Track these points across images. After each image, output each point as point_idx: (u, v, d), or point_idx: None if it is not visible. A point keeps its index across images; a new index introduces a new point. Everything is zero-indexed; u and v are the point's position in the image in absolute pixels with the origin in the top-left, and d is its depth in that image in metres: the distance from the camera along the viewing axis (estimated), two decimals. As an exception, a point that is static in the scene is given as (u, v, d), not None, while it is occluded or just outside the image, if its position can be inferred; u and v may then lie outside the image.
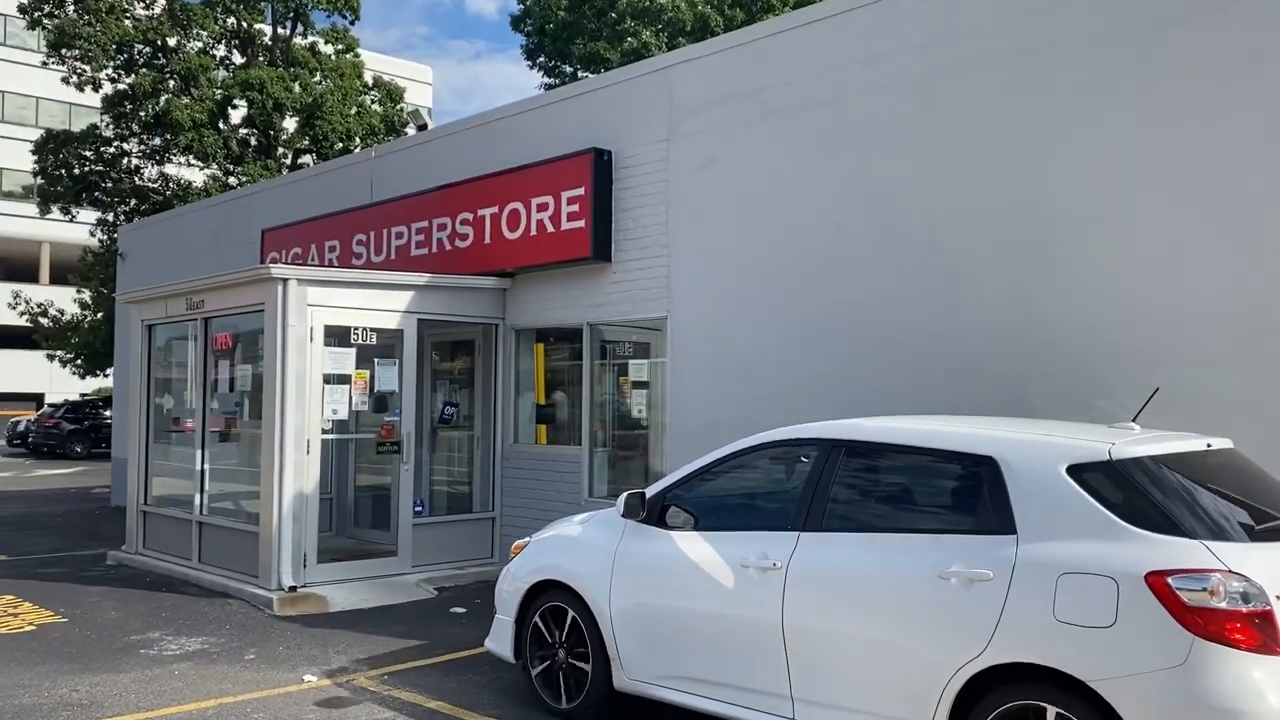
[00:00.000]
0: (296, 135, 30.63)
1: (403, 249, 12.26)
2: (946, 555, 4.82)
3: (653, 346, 10.37)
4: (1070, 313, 7.19)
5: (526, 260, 10.79)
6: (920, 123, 7.96)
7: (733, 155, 9.18)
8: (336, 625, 8.83)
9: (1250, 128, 6.53)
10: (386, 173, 12.99)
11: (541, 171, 10.57)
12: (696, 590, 5.73)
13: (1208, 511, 4.60)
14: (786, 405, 8.41)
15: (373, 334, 10.39)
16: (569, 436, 10.87)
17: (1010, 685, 4.54)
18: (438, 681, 7.21)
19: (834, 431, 5.65)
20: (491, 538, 11.24)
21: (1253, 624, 4.11)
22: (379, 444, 10.59)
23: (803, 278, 8.59)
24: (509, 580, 6.86)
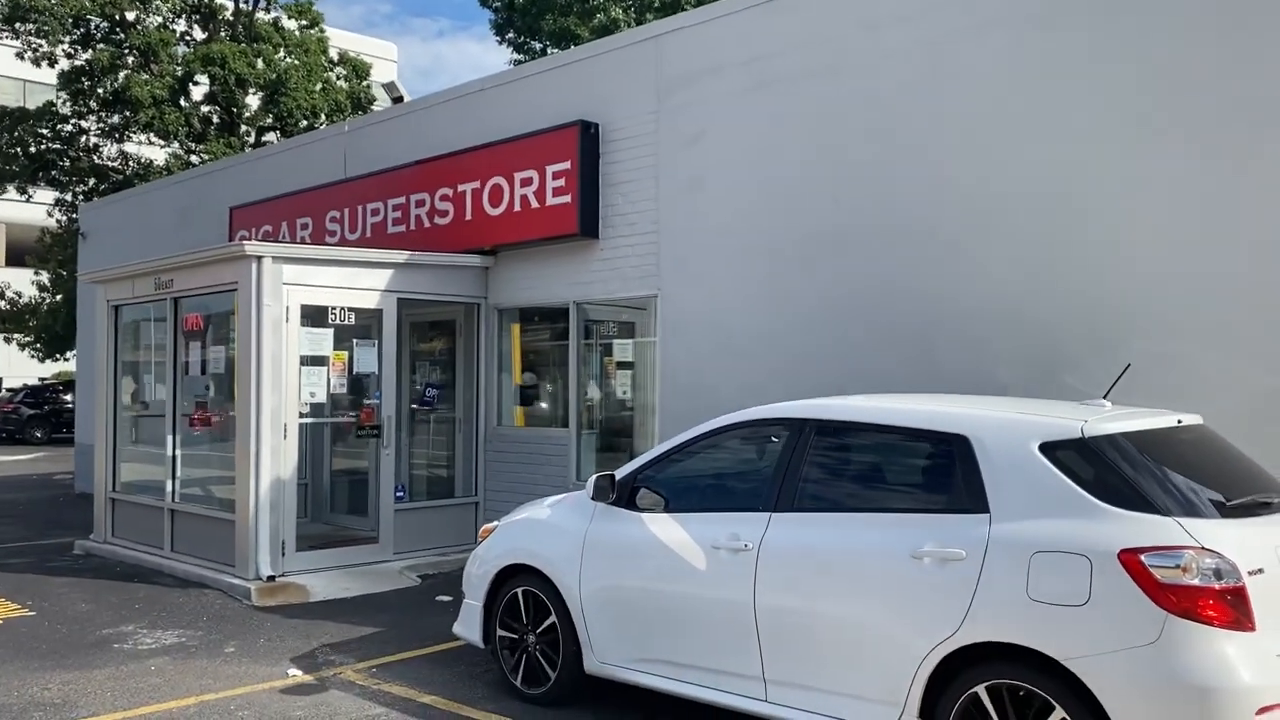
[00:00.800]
0: (260, 112, 29.96)
1: (379, 226, 11.87)
2: (919, 535, 4.75)
3: (641, 326, 10.09)
4: (1039, 288, 7.08)
5: (510, 237, 10.45)
6: (925, 94, 7.70)
7: (725, 128, 8.89)
8: (318, 616, 8.50)
9: (1227, 102, 6.37)
10: (361, 147, 12.57)
11: (525, 145, 10.23)
12: (667, 572, 5.63)
13: (1180, 488, 4.54)
14: (783, 385, 8.16)
15: (351, 314, 10.02)
16: (555, 418, 10.58)
17: (984, 665, 4.51)
18: (428, 674, 6.93)
19: (805, 411, 5.55)
20: (475, 523, 10.91)
21: (1225, 600, 4.08)
22: (358, 428, 10.25)
23: (799, 255, 8.33)
24: (477, 564, 6.71)
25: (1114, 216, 6.83)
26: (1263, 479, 4.89)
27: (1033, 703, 4.36)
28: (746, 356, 8.60)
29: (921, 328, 7.63)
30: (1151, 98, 6.73)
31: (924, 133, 7.69)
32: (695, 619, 5.50)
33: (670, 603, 5.62)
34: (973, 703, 4.52)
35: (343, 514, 11.81)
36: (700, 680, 5.52)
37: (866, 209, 7.95)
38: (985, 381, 7.21)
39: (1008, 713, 4.43)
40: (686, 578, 5.54)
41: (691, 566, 5.53)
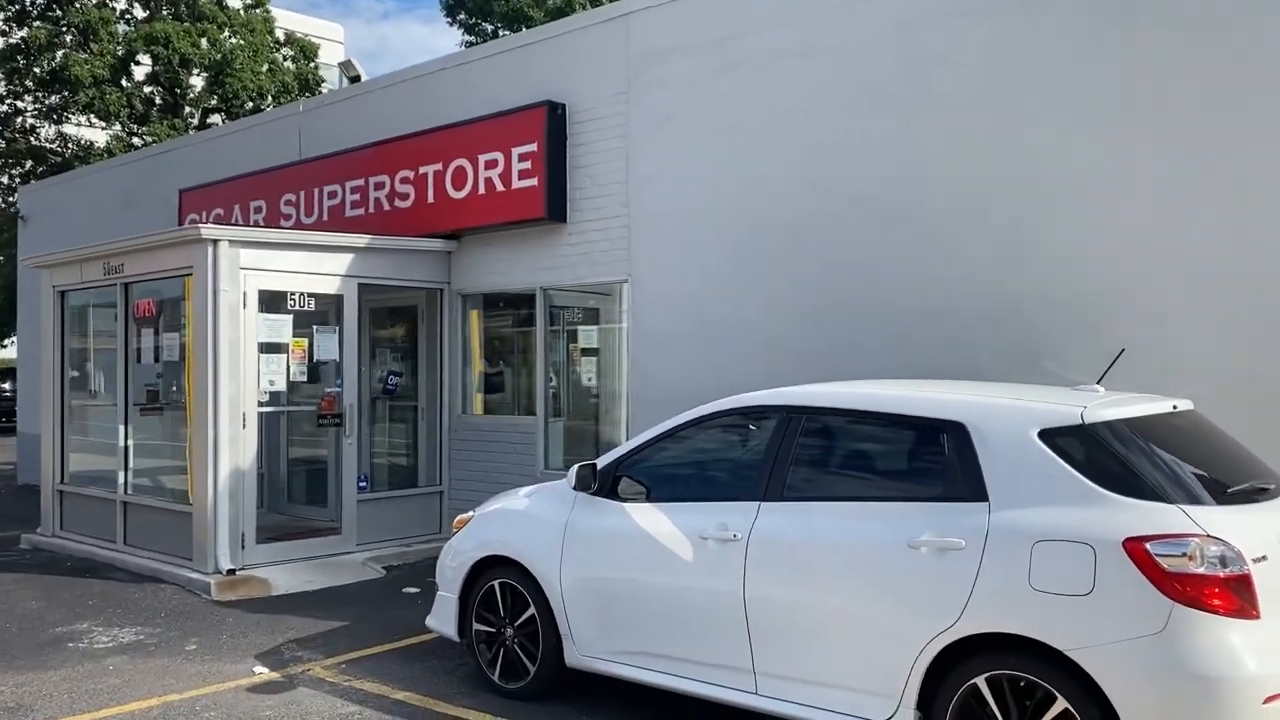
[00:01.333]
0: (205, 93, 29.24)
1: (336, 209, 11.57)
2: (916, 523, 4.65)
3: (609, 311, 9.93)
4: (1018, 273, 7.06)
5: (474, 221, 10.22)
6: (902, 78, 7.60)
7: (698, 109, 8.73)
8: (282, 610, 8.26)
9: (1204, 90, 6.36)
10: (316, 128, 12.23)
11: (490, 126, 9.99)
12: (652, 563, 5.50)
13: (1181, 475, 4.49)
14: (759, 371, 8.05)
15: (310, 299, 9.74)
16: (522, 406, 10.38)
17: (984, 656, 4.43)
18: (400, 669, 6.73)
19: (795, 398, 5.42)
20: (439, 513, 10.71)
21: (1230, 588, 4.03)
22: (319, 417, 9.97)
23: (775, 239, 8.21)
24: (452, 556, 6.53)
25: (1094, 202, 6.80)
26: (1255, 464, 4.86)
27: (1034, 694, 4.28)
28: (719, 342, 8.47)
29: (899, 313, 7.56)
30: (1131, 84, 6.70)
31: (901, 117, 7.60)
32: (681, 611, 5.37)
33: (655, 594, 5.48)
34: (972, 694, 4.44)
35: (300, 504, 11.50)
36: (687, 673, 5.40)
37: (843, 194, 7.85)
38: (964, 367, 7.16)
39: (1008, 704, 4.35)
40: (672, 568, 5.40)
41: (678, 557, 5.39)
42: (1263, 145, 6.23)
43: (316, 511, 10.98)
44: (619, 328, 9.79)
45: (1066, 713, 4.19)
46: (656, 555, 5.48)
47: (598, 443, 9.99)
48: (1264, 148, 6.22)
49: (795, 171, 8.12)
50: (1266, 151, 6.21)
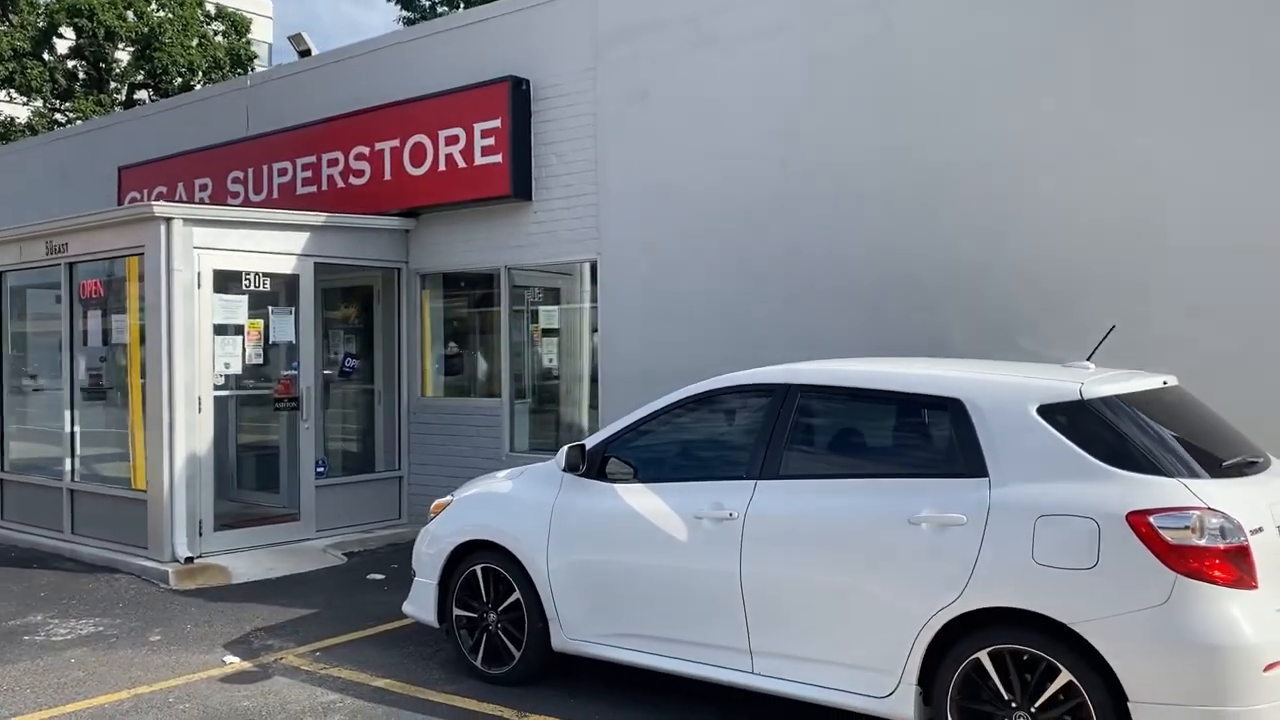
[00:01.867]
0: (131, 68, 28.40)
1: (286, 187, 11.27)
2: (915, 500, 4.66)
3: (574, 291, 9.82)
4: (992, 251, 7.10)
5: (434, 198, 10.02)
6: (876, 56, 7.59)
7: (668, 86, 8.64)
8: (245, 598, 8.04)
9: (1178, 68, 6.45)
10: (265, 103, 11.89)
11: (451, 101, 9.79)
12: (645, 544, 5.44)
13: (1178, 449, 4.55)
14: (733, 350, 8.02)
15: (266, 279, 9.47)
16: (485, 388, 10.23)
17: (986, 631, 4.45)
18: (376, 656, 6.59)
19: (791, 376, 5.38)
20: (399, 498, 10.54)
21: (1230, 560, 4.10)
22: (275, 400, 9.72)
23: (748, 217, 8.16)
24: (430, 542, 6.39)
25: (1068, 180, 6.85)
26: (1239, 438, 4.94)
27: (1037, 666, 4.32)
28: (692, 322, 8.42)
29: (873, 291, 7.57)
30: (1105, 62, 6.75)
31: (876, 95, 7.59)
32: (676, 591, 5.32)
33: (648, 575, 5.43)
34: (974, 668, 4.46)
35: (250, 490, 11.22)
36: (681, 654, 5.35)
37: (817, 172, 7.83)
38: (938, 345, 7.20)
39: (1011, 677, 4.38)
40: (666, 549, 5.35)
41: (671, 537, 5.34)
42: (1238, 124, 6.32)
43: (267, 498, 10.74)
44: (582, 308, 9.71)
45: (1070, 685, 4.23)
46: (649, 536, 5.42)
47: (564, 425, 9.91)
48: (1239, 127, 6.31)
49: (767, 150, 8.08)
50: (1241, 130, 6.30)
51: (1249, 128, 6.28)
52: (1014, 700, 4.37)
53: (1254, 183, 6.26)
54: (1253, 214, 6.26)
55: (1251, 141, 6.27)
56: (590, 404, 9.60)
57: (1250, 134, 6.28)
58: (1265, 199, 6.23)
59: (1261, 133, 6.24)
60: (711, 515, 5.21)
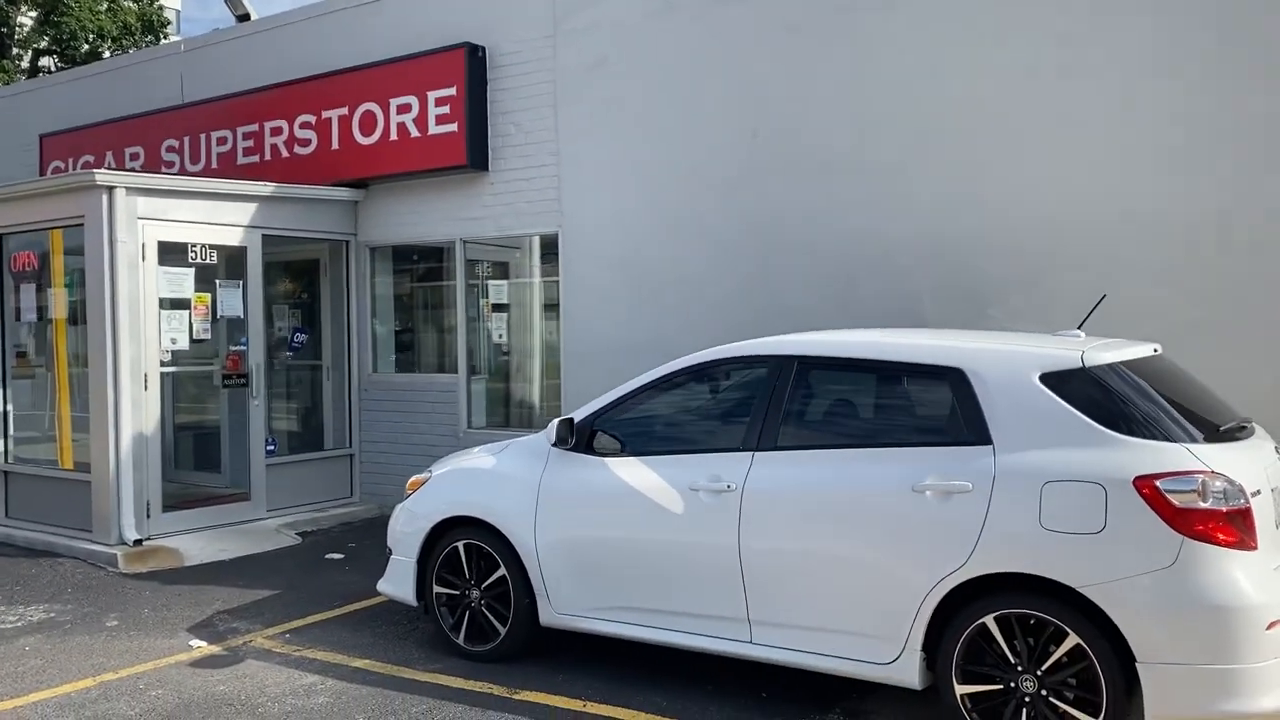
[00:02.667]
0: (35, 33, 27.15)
1: (227, 156, 10.88)
2: (918, 468, 4.67)
3: (536, 264, 9.66)
4: (964, 221, 7.15)
5: (385, 168, 9.76)
6: (846, 22, 7.57)
7: (632, 54, 8.51)
8: (201, 581, 7.78)
9: (1152, 36, 6.54)
10: (201, 69, 11.44)
11: (403, 68, 9.53)
12: (639, 518, 5.38)
13: (1177, 415, 4.61)
14: (701, 323, 8.00)
15: (212, 252, 9.13)
16: (440, 363, 10.03)
17: (991, 596, 4.49)
18: (349, 637, 6.43)
19: (788, 347, 5.36)
20: (350, 476, 10.30)
21: (1232, 522, 4.19)
22: (224, 377, 9.41)
23: (716, 188, 8.10)
24: (407, 519, 6.26)
25: (1040, 151, 6.93)
26: (1224, 405, 5.05)
27: (1044, 630, 4.37)
28: (660, 294, 8.34)
29: (844, 262, 7.58)
30: (1071, 32, 6.81)
31: (846, 62, 7.58)
32: (671, 564, 5.27)
33: (642, 548, 5.36)
34: (980, 633, 4.50)
35: (189, 470, 10.87)
36: (677, 625, 5.31)
37: (786, 141, 7.79)
38: (909, 315, 7.26)
39: (1017, 642, 4.43)
40: (661, 522, 5.29)
41: (666, 510, 5.28)
42: (1201, 93, 6.43)
43: (208, 477, 10.42)
44: (534, 282, 9.56)
45: (1077, 647, 4.29)
46: (642, 509, 5.35)
47: (523, 401, 9.77)
48: (1202, 96, 6.42)
49: (734, 119, 8.02)
50: (1205, 100, 6.42)
51: (1218, 96, 6.39)
52: (1020, 664, 4.42)
53: (1224, 152, 6.38)
54: (1221, 185, 6.39)
55: (1220, 110, 6.38)
56: (547, 379, 9.47)
57: (1219, 102, 6.39)
58: (1235, 169, 6.35)
59: (1230, 101, 6.35)
60: (708, 487, 5.17)
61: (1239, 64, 6.33)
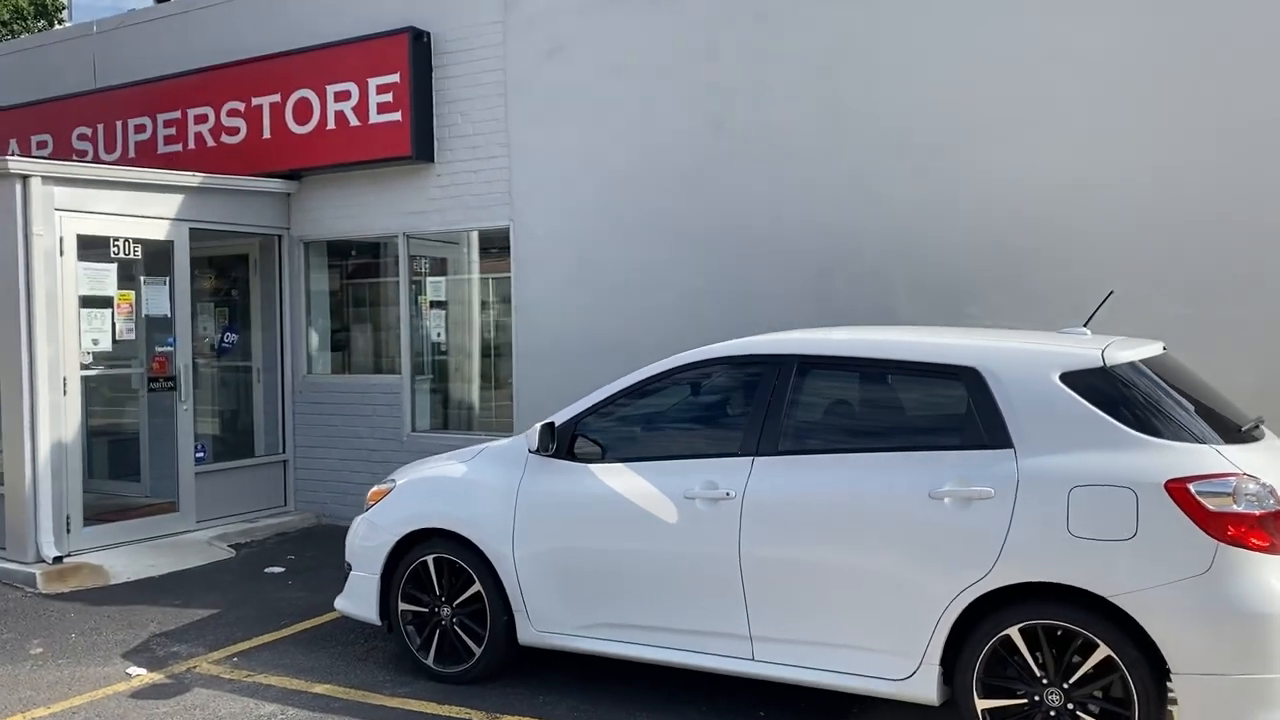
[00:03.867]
0: (-83, 16, 25.58)
1: (146, 145, 10.21)
2: (934, 473, 4.45)
3: (470, 260, 9.24)
4: (940, 218, 6.99)
5: (322, 159, 9.23)
6: (817, 12, 7.33)
7: (589, 42, 8.16)
8: (131, 600, 7.22)
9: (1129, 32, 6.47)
10: (116, 52, 10.72)
11: (341, 54, 9.02)
12: (628, 528, 5.06)
13: (1201, 415, 4.47)
14: (662, 321, 7.73)
15: (136, 246, 8.51)
16: (382, 364, 9.54)
17: (1016, 607, 4.28)
18: (304, 659, 5.98)
19: (790, 346, 5.07)
20: (284, 484, 9.76)
21: (1265, 526, 4.05)
22: (150, 380, 8.79)
23: (680, 181, 7.80)
24: (370, 533, 5.83)
25: (1017, 147, 6.78)
26: (1231, 404, 4.93)
27: (1072, 642, 4.18)
28: (618, 290, 8.01)
29: (815, 256, 7.35)
30: (1051, 25, 6.69)
31: (818, 55, 7.34)
32: (665, 577, 4.96)
33: (633, 561, 5.04)
34: (1003, 645, 4.29)
35: (104, 479, 10.19)
36: (670, 643, 5.01)
37: (754, 135, 7.53)
38: (885, 314, 7.07)
39: (1043, 654, 4.23)
40: (652, 533, 4.98)
41: (659, 520, 4.97)
42: (1179, 89, 6.36)
43: (127, 487, 9.79)
44: (472, 278, 9.16)
45: (1108, 659, 4.10)
46: (632, 519, 5.04)
47: (471, 403, 9.35)
48: (1183, 93, 6.35)
49: (699, 110, 7.73)
50: (1185, 98, 6.35)
51: (1198, 95, 6.32)
52: (1046, 677, 4.23)
53: (1208, 151, 6.31)
54: (1204, 183, 6.32)
55: (1202, 108, 6.32)
56: (497, 379, 9.07)
57: (1198, 101, 6.32)
58: (1219, 168, 6.28)
59: (1211, 100, 6.29)
60: (705, 495, 4.87)
61: (1222, 62, 6.26)
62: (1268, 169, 6.15)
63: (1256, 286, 6.20)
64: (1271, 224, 6.15)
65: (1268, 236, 6.17)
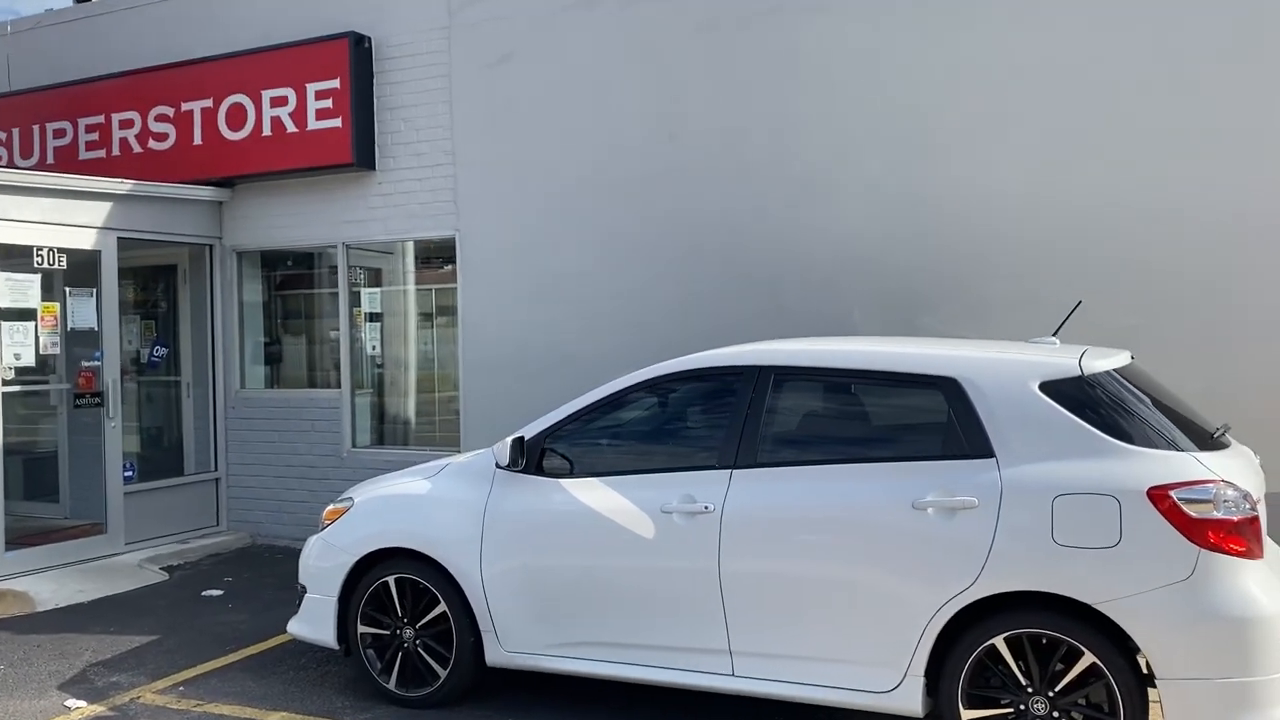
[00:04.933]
0: None
1: (66, 151, 9.78)
2: (916, 484, 4.44)
3: (405, 270, 9.04)
4: (894, 229, 7.03)
5: (257, 166, 8.94)
6: (770, 25, 7.33)
7: (537, 51, 8.04)
8: (61, 628, 6.85)
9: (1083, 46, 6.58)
10: (34, 53, 10.25)
11: (278, 58, 8.75)
12: (602, 544, 4.96)
13: (1177, 423, 4.54)
14: (618, 333, 7.65)
15: (60, 256, 8.13)
16: (321, 378, 9.26)
17: (1001, 616, 4.27)
18: (254, 686, 5.73)
19: (767, 357, 5.01)
20: (217, 502, 9.41)
21: (1244, 531, 4.11)
22: (76, 395, 8.39)
23: (631, 191, 7.71)
24: (327, 553, 5.62)
25: (971, 158, 6.85)
26: (1196, 411, 5.01)
27: (1057, 650, 4.19)
28: (571, 303, 7.89)
29: (767, 269, 7.33)
30: (1005, 37, 6.78)
31: (771, 66, 7.34)
32: (641, 593, 4.86)
33: (607, 578, 4.93)
34: (988, 655, 4.29)
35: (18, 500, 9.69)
36: (647, 660, 4.90)
37: (708, 146, 7.48)
38: (839, 324, 7.08)
39: (1028, 663, 4.23)
40: (629, 548, 4.87)
41: (634, 535, 4.87)
42: (1128, 103, 6.48)
43: (46, 508, 9.37)
44: (408, 289, 8.98)
45: (1093, 666, 4.12)
46: (606, 535, 4.93)
47: (413, 417, 9.12)
48: (1133, 102, 6.47)
49: (651, 119, 7.67)
50: (1136, 107, 6.47)
51: (1147, 109, 6.46)
52: (1031, 685, 4.23)
53: (1159, 161, 6.43)
54: (1155, 194, 6.44)
55: (1153, 117, 6.44)
56: (441, 392, 8.88)
57: (1151, 109, 6.45)
58: (1170, 179, 6.41)
59: (1162, 109, 6.42)
60: (682, 509, 4.79)
61: (1174, 70, 6.38)
62: (1215, 181, 6.30)
63: (1205, 296, 6.35)
64: (1219, 236, 6.31)
65: (1215, 248, 6.31)
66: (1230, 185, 6.27)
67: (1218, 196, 6.30)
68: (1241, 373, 6.22)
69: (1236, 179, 6.26)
